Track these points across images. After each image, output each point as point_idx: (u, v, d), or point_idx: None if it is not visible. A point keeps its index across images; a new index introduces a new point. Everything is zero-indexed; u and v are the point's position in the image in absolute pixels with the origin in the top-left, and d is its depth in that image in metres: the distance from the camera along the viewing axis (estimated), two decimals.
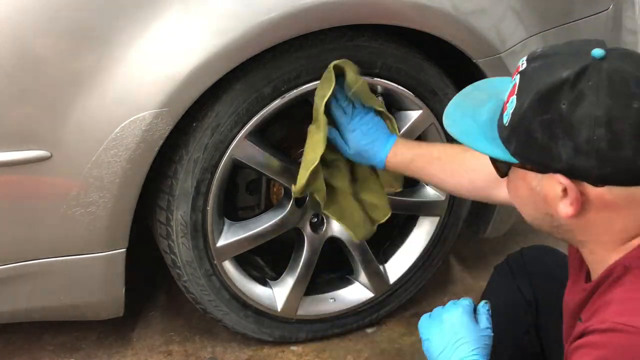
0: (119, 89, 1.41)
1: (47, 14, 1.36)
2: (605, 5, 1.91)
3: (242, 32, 1.44)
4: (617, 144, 0.94)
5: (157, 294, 2.13)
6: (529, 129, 1.00)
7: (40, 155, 1.42)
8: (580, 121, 0.95)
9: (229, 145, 1.60)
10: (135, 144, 1.45)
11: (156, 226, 1.71)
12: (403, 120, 1.77)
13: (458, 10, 1.62)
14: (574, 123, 0.96)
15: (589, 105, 0.95)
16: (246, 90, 1.56)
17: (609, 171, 0.96)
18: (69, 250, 1.56)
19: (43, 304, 1.65)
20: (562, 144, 0.97)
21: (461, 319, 1.28)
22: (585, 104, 0.95)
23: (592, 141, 0.95)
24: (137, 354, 1.91)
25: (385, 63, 1.66)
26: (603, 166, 0.96)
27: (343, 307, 1.92)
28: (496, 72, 1.71)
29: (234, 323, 1.84)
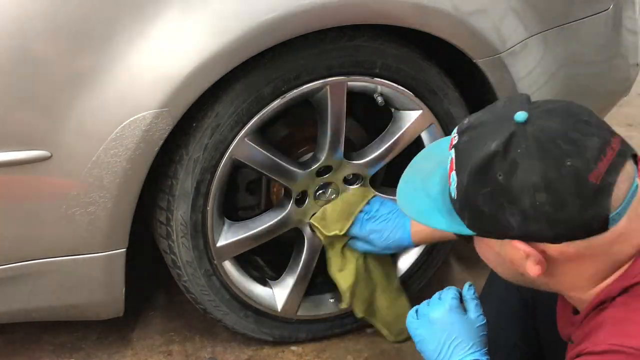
0: (119, 89, 1.42)
1: (47, 14, 1.36)
2: (605, 5, 1.91)
3: (242, 32, 1.44)
4: (561, 204, 0.96)
5: (157, 294, 2.13)
6: (475, 204, 1.01)
7: (40, 155, 1.42)
8: (520, 189, 0.97)
9: (229, 145, 1.60)
10: (135, 144, 1.45)
11: (156, 226, 1.71)
12: (403, 120, 1.77)
13: (458, 10, 1.62)
14: (514, 192, 0.97)
15: (523, 173, 0.96)
16: (246, 90, 1.56)
17: (561, 230, 0.98)
18: (69, 250, 1.56)
19: (43, 304, 1.65)
20: (509, 213, 0.98)
21: (450, 317, 1.26)
22: (520, 172, 0.96)
23: (536, 207, 0.96)
24: (137, 354, 1.91)
25: (385, 63, 1.67)
26: (554, 227, 0.97)
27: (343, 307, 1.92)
28: (496, 72, 1.71)
29: (234, 323, 1.84)
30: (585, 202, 0.95)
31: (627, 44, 2.04)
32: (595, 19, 1.89)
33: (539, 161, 0.96)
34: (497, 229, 1.01)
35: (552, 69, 1.83)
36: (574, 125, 0.98)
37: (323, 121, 1.68)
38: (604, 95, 2.08)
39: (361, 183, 1.81)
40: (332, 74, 1.62)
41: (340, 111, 1.67)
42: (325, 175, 1.76)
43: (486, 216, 1.01)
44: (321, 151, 1.71)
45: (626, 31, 2.01)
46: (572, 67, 1.87)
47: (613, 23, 1.95)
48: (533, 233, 0.99)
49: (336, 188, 1.79)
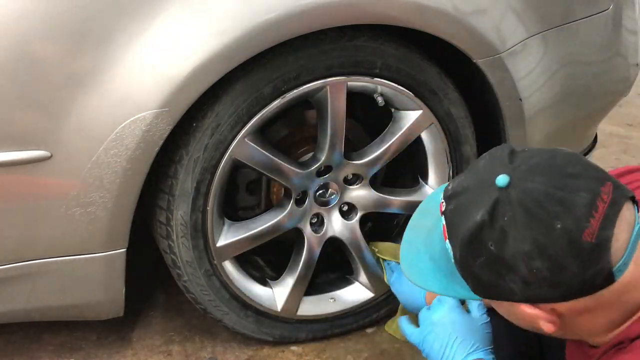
0: (119, 89, 1.42)
1: (48, 15, 1.36)
2: (605, 5, 1.91)
3: (242, 32, 1.44)
4: (559, 268, 0.93)
5: (157, 294, 2.13)
6: (474, 273, 1.00)
7: (40, 155, 1.42)
8: (514, 258, 0.94)
9: (229, 145, 1.60)
10: (135, 144, 1.46)
11: (156, 226, 1.71)
12: (403, 120, 1.77)
13: (458, 10, 1.62)
14: (508, 261, 0.94)
15: (514, 242, 0.93)
16: (246, 90, 1.56)
17: (565, 290, 0.95)
18: (69, 250, 1.56)
19: (43, 304, 1.65)
20: (509, 279, 0.96)
21: (451, 317, 1.24)
22: (510, 240, 0.94)
23: (534, 273, 0.93)
24: (137, 354, 1.91)
25: (385, 63, 1.67)
26: (557, 289, 0.95)
27: (343, 307, 1.92)
28: (496, 72, 1.71)
29: (234, 323, 1.84)
30: (583, 262, 0.92)
31: (627, 44, 2.04)
32: (595, 19, 1.89)
33: (527, 229, 0.92)
34: (501, 295, 0.99)
35: (552, 69, 1.83)
36: (559, 182, 0.94)
37: (323, 121, 1.68)
38: (604, 95, 2.08)
39: (360, 183, 1.81)
40: (332, 74, 1.62)
41: (340, 111, 1.67)
42: (325, 175, 1.76)
43: (489, 284, 0.99)
44: (321, 151, 1.71)
45: (626, 31, 2.01)
46: (572, 67, 1.87)
47: (613, 23, 1.95)
48: (537, 296, 0.96)
49: (336, 188, 1.79)
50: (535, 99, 1.82)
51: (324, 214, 1.83)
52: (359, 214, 1.86)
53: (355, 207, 1.85)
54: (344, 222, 1.85)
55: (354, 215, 1.86)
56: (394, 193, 1.90)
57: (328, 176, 1.76)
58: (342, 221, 1.85)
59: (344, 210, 1.85)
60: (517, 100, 1.78)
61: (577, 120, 2.01)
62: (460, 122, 1.81)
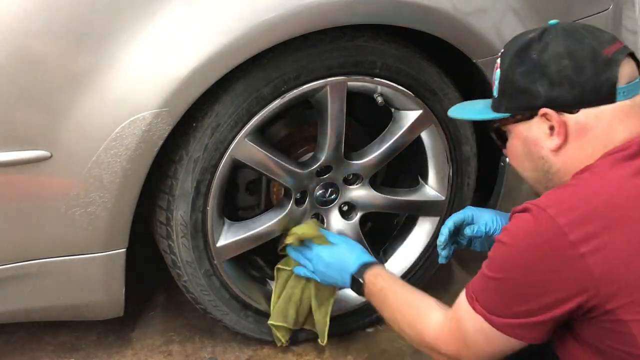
0: (119, 89, 1.42)
1: (47, 15, 1.36)
2: (605, 5, 1.91)
3: (242, 32, 1.44)
4: (579, 68, 1.17)
5: (157, 294, 2.13)
6: (512, 81, 1.24)
7: (40, 155, 1.42)
8: (549, 60, 1.19)
9: (229, 145, 1.60)
10: (135, 144, 1.46)
11: (156, 226, 1.71)
12: (403, 120, 1.77)
13: (458, 10, 1.62)
14: (544, 64, 1.19)
15: (552, 48, 1.20)
16: (246, 90, 1.56)
17: (578, 93, 1.17)
18: (69, 250, 1.56)
19: (43, 304, 1.65)
20: (539, 83, 1.20)
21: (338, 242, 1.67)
22: (550, 48, 1.20)
23: (561, 71, 1.18)
24: (137, 354, 1.91)
25: (385, 63, 1.67)
26: (573, 89, 1.17)
27: (343, 307, 1.92)
28: None
29: (234, 323, 1.84)
30: (598, 67, 1.17)
31: (627, 43, 2.04)
32: (595, 19, 1.89)
33: (564, 39, 1.20)
34: (528, 100, 1.22)
35: None
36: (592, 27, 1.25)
37: (323, 121, 1.68)
38: None
39: (360, 183, 1.81)
40: (332, 74, 1.62)
41: (340, 111, 1.67)
42: (325, 175, 1.76)
43: (520, 90, 1.22)
44: (321, 151, 1.71)
45: (626, 31, 2.01)
46: None
47: (613, 23, 1.95)
48: (556, 99, 1.19)
49: (336, 188, 1.79)
50: None
51: (324, 214, 1.83)
52: (359, 214, 1.86)
53: (355, 207, 1.85)
54: (344, 222, 1.85)
55: (354, 215, 1.86)
56: (394, 193, 1.90)
57: (328, 176, 1.76)
58: (342, 221, 1.85)
59: (344, 210, 1.85)
60: None
61: None
62: (460, 122, 1.81)
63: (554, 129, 1.21)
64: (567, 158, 1.22)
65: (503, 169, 1.89)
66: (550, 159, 1.24)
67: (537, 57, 1.20)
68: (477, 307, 1.19)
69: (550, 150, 1.22)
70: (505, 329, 1.16)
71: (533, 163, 1.27)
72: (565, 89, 1.18)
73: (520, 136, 1.27)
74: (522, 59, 1.23)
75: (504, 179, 1.90)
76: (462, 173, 1.88)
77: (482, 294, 1.19)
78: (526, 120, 1.24)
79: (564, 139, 1.20)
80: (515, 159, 1.31)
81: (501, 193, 1.91)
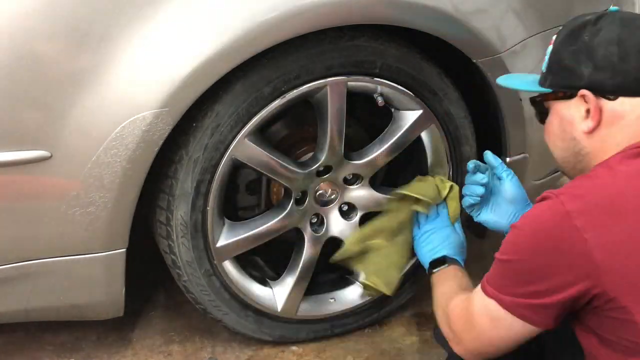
0: (119, 89, 1.42)
1: (47, 14, 1.36)
2: (605, 5, 1.91)
3: (242, 32, 1.44)
4: (625, 57, 1.20)
5: (157, 294, 2.13)
6: (560, 58, 1.28)
7: (40, 155, 1.42)
8: (598, 44, 1.22)
9: (229, 145, 1.60)
10: (135, 144, 1.45)
11: (156, 226, 1.71)
12: (403, 120, 1.77)
13: (458, 10, 1.62)
14: (593, 47, 1.22)
15: (605, 33, 1.22)
16: (246, 90, 1.56)
17: (620, 81, 1.21)
18: (69, 250, 1.56)
19: (43, 304, 1.65)
20: (584, 65, 1.23)
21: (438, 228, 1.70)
22: (602, 33, 1.22)
23: (607, 57, 1.21)
24: (137, 354, 1.91)
25: (385, 63, 1.67)
26: (615, 77, 1.21)
27: (343, 307, 1.92)
28: (496, 72, 1.71)
29: (234, 323, 1.84)
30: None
31: None
32: None
33: (618, 27, 1.22)
34: (571, 79, 1.25)
35: None
36: None
37: (323, 121, 1.68)
38: None
39: (360, 183, 1.81)
40: (332, 74, 1.62)
41: (340, 111, 1.67)
42: (325, 175, 1.76)
43: (566, 69, 1.26)
44: (321, 151, 1.71)
45: None
46: None
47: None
48: (597, 83, 1.22)
49: (336, 188, 1.79)
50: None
51: (324, 214, 1.83)
52: (359, 214, 1.86)
53: (355, 207, 1.85)
54: (344, 222, 1.85)
55: (354, 215, 1.86)
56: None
57: (328, 176, 1.76)
58: (342, 221, 1.84)
59: (344, 210, 1.85)
60: (517, 100, 1.78)
61: None
62: (460, 122, 1.81)
63: (590, 112, 1.23)
64: (598, 143, 1.25)
65: None
66: (582, 141, 1.26)
67: (588, 39, 1.23)
68: (488, 289, 1.23)
69: (583, 132, 1.25)
70: (513, 308, 1.19)
71: (565, 143, 1.30)
72: (607, 75, 1.21)
73: (558, 114, 1.30)
74: (573, 38, 1.26)
75: None
76: (462, 173, 1.88)
77: (494, 276, 1.23)
78: (566, 99, 1.28)
79: (597, 124, 1.23)
80: (550, 137, 1.35)
81: None
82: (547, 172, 2.00)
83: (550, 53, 1.31)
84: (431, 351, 1.88)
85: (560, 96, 1.29)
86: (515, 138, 1.84)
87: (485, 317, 1.24)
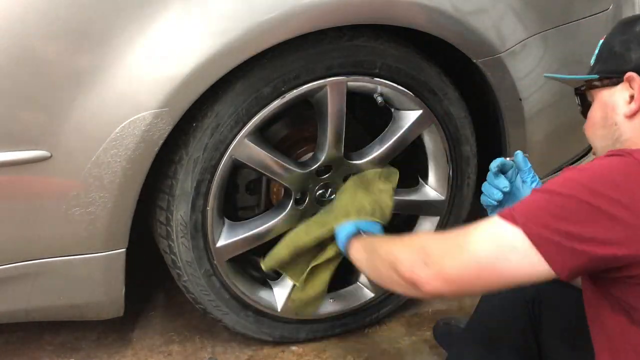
0: (119, 89, 1.42)
1: (47, 14, 1.35)
2: (605, 5, 1.91)
3: (242, 32, 1.44)
4: None
5: (157, 294, 2.13)
6: (610, 47, 1.30)
7: (40, 155, 1.42)
8: None
9: (229, 145, 1.60)
10: (135, 144, 1.46)
11: (156, 226, 1.71)
12: (403, 120, 1.77)
13: (458, 10, 1.62)
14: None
15: None
16: (246, 90, 1.56)
17: None
18: (69, 250, 1.56)
19: (43, 304, 1.65)
20: (634, 51, 1.26)
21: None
22: None
23: None
24: (137, 354, 1.91)
25: (385, 63, 1.67)
26: None
27: (343, 307, 1.92)
28: (496, 72, 1.71)
29: (234, 323, 1.84)
30: None
31: None
32: (595, 19, 1.89)
33: None
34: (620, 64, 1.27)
35: (552, 69, 1.83)
36: None
37: (323, 121, 1.68)
38: None
39: None
40: (332, 74, 1.62)
41: (340, 111, 1.67)
42: (325, 175, 1.76)
43: (616, 56, 1.29)
44: (321, 151, 1.71)
45: None
46: (572, 67, 1.87)
47: (613, 23, 1.95)
48: None
49: (336, 188, 1.79)
50: (535, 99, 1.82)
51: None
52: None
53: None
54: None
55: None
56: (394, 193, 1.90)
57: (328, 176, 1.76)
58: None
59: None
60: (517, 100, 1.78)
61: (577, 120, 2.01)
62: (460, 122, 1.81)
63: (634, 97, 1.23)
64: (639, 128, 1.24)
65: None
66: (623, 125, 1.25)
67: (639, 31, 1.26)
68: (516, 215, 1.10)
69: (625, 116, 1.25)
70: (541, 241, 1.08)
71: (606, 130, 1.29)
72: None
73: (601, 101, 1.30)
74: (625, 29, 1.29)
75: None
76: (462, 173, 1.88)
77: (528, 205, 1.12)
78: (612, 86, 1.28)
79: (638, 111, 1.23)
80: (591, 126, 1.33)
81: None
82: (548, 172, 2.01)
83: (601, 45, 1.34)
84: (431, 351, 1.89)
85: (606, 83, 1.29)
86: (515, 138, 1.84)
87: (491, 243, 1.12)
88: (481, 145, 1.88)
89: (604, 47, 1.33)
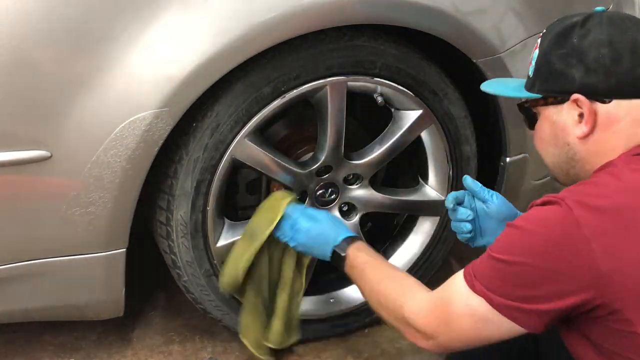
0: (119, 89, 1.42)
1: (47, 15, 1.36)
2: (605, 5, 1.91)
3: (242, 32, 1.44)
4: (618, 59, 1.17)
5: (157, 294, 2.13)
6: (548, 62, 1.23)
7: (40, 155, 1.42)
8: (589, 46, 1.18)
9: (229, 145, 1.60)
10: (135, 144, 1.46)
11: (156, 226, 1.71)
12: (403, 120, 1.77)
13: (458, 10, 1.62)
14: (583, 50, 1.19)
15: (594, 35, 1.19)
16: (246, 90, 1.56)
17: (613, 83, 1.17)
18: (69, 250, 1.56)
19: (43, 304, 1.65)
20: (575, 69, 1.19)
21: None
22: (592, 34, 1.19)
23: (598, 59, 1.17)
24: (137, 354, 1.91)
25: (385, 63, 1.67)
26: (608, 79, 1.17)
27: (343, 307, 1.92)
28: (496, 72, 1.71)
29: (234, 323, 1.84)
30: (636, 60, 1.17)
31: None
32: None
33: (607, 27, 1.19)
34: (562, 83, 1.22)
35: None
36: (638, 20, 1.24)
37: (323, 121, 1.68)
38: None
39: (360, 183, 1.81)
40: (332, 74, 1.62)
41: (340, 111, 1.67)
42: (325, 175, 1.76)
43: (556, 73, 1.22)
44: (321, 151, 1.71)
45: None
46: None
47: None
48: (590, 86, 1.18)
49: (336, 188, 1.79)
50: None
51: None
52: (359, 214, 1.86)
53: (355, 207, 1.85)
54: (344, 221, 1.84)
55: (354, 215, 1.86)
56: (394, 193, 1.90)
57: (328, 176, 1.76)
58: (342, 221, 1.84)
59: (344, 210, 1.85)
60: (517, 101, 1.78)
61: None
62: (460, 122, 1.81)
63: (583, 117, 1.20)
64: (592, 147, 1.21)
65: (503, 169, 1.89)
66: (576, 146, 1.23)
67: (577, 42, 1.20)
68: (477, 286, 1.16)
69: (577, 137, 1.22)
70: (504, 309, 1.13)
71: (558, 149, 1.27)
72: (600, 78, 1.18)
73: (549, 119, 1.26)
74: (562, 42, 1.23)
75: (504, 179, 1.91)
76: (462, 173, 1.88)
77: (486, 274, 1.16)
78: (557, 104, 1.24)
79: (592, 128, 1.20)
80: (541, 142, 1.31)
81: (501, 193, 1.91)
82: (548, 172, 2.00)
83: (537, 57, 1.27)
84: None
85: (551, 101, 1.25)
86: (515, 138, 1.84)
87: (468, 317, 1.18)
88: (481, 145, 1.88)
89: (542, 61, 1.25)
